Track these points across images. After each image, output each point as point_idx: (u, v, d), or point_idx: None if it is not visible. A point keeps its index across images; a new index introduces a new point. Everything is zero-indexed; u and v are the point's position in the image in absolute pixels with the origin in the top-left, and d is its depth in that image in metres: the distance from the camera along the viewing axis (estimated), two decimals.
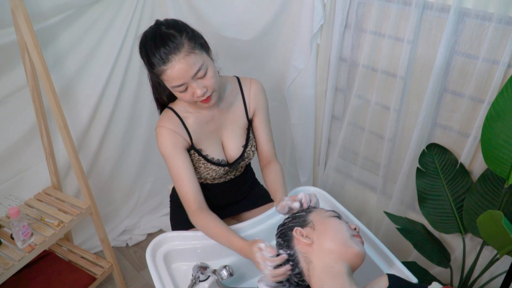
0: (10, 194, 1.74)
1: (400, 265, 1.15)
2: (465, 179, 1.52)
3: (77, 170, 1.68)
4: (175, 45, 1.10)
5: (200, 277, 1.19)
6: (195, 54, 1.12)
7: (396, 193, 1.72)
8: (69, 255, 2.02)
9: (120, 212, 2.36)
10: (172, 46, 1.10)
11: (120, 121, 2.07)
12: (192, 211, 1.27)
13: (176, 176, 1.28)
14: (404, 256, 1.84)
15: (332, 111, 1.89)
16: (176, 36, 1.11)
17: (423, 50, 1.45)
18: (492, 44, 1.28)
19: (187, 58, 1.11)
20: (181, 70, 1.11)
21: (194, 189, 1.27)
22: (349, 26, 1.64)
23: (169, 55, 1.10)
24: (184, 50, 1.10)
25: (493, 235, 1.19)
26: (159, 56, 1.10)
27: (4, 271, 1.46)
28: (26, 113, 1.70)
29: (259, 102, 1.40)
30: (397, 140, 1.68)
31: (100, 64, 1.87)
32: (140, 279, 2.16)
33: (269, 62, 1.97)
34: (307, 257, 0.98)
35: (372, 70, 1.63)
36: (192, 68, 1.12)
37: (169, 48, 1.09)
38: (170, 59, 1.10)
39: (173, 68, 1.11)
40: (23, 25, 1.40)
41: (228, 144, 1.38)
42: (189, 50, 1.11)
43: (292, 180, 2.28)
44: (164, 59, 1.10)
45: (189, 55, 1.11)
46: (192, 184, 1.27)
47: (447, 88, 1.46)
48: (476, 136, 1.42)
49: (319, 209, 1.10)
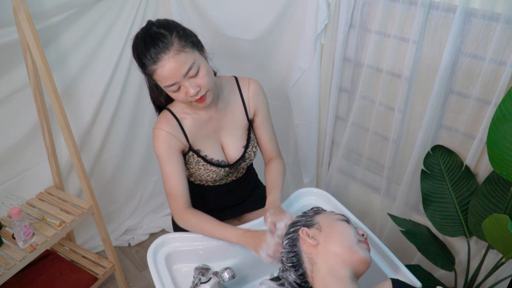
0: (12, 193, 1.74)
1: (404, 268, 1.14)
2: (470, 182, 1.50)
3: (79, 169, 1.67)
4: (165, 44, 1.09)
5: (201, 279, 1.19)
6: (185, 53, 1.11)
7: (400, 195, 1.71)
8: (71, 254, 2.02)
9: (123, 212, 2.36)
10: (161, 45, 1.09)
11: (123, 121, 2.07)
12: (181, 211, 1.29)
13: (167, 177, 1.29)
14: (408, 259, 1.82)
15: (336, 112, 1.88)
16: (165, 35, 1.10)
17: (429, 51, 1.43)
18: (499, 44, 1.26)
19: (177, 56, 1.10)
20: (172, 68, 1.10)
21: (184, 191, 1.29)
22: (354, 26, 1.62)
23: (158, 54, 1.09)
24: (174, 48, 1.10)
25: (498, 239, 1.17)
26: (149, 56, 1.10)
27: (6, 271, 1.46)
28: (28, 112, 1.69)
29: (258, 102, 1.39)
30: (402, 142, 1.66)
31: (102, 63, 1.86)
32: (142, 279, 2.15)
33: (273, 62, 1.95)
34: (311, 258, 0.98)
35: (376, 70, 1.61)
36: (183, 66, 1.11)
37: (159, 47, 1.09)
38: (160, 58, 1.09)
39: (164, 67, 1.10)
40: (25, 24, 1.39)
41: (228, 145, 1.37)
42: (179, 49, 1.10)
43: (295, 181, 2.27)
44: (154, 59, 1.10)
45: (179, 53, 1.10)
46: (182, 186, 1.29)
47: (453, 89, 1.44)
48: (482, 138, 1.40)
49: (328, 211, 1.10)
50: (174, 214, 1.31)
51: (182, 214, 1.29)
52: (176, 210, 1.30)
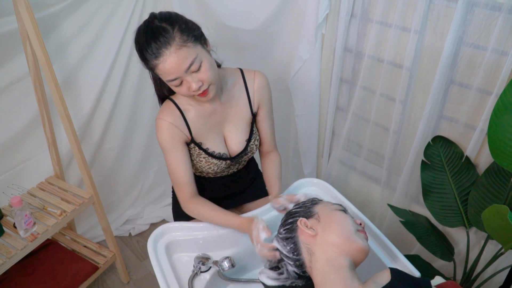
0: (12, 183, 1.74)
1: (403, 258, 1.14)
2: (470, 173, 1.50)
3: (80, 159, 1.68)
4: (166, 39, 1.08)
5: (201, 268, 1.19)
6: (187, 48, 1.10)
7: (401, 186, 1.71)
8: (72, 244, 2.03)
9: (124, 202, 2.36)
10: (163, 40, 1.08)
11: (123, 111, 2.06)
12: (187, 200, 1.30)
13: (173, 169, 1.29)
14: (408, 249, 1.83)
15: (337, 102, 1.87)
16: (167, 30, 1.09)
17: (430, 41, 1.42)
18: (501, 34, 1.25)
19: (178, 52, 1.09)
20: (173, 64, 1.10)
21: (189, 179, 1.30)
22: (355, 15, 1.61)
23: (159, 49, 1.08)
24: (175, 43, 1.09)
25: (498, 230, 1.17)
26: (151, 51, 1.09)
27: (7, 259, 1.47)
28: (28, 102, 1.69)
29: (263, 95, 1.38)
30: (402, 132, 1.66)
31: (102, 53, 1.85)
32: (143, 268, 2.17)
33: (274, 52, 1.94)
34: (310, 248, 0.98)
35: (378, 60, 1.60)
36: (185, 61, 1.10)
37: (160, 42, 1.08)
38: (161, 53, 1.09)
39: (165, 62, 1.09)
40: (24, 13, 1.38)
41: (231, 138, 1.37)
42: (181, 44, 1.09)
43: (295, 172, 2.27)
44: (155, 54, 1.09)
45: (181, 48, 1.09)
46: (187, 174, 1.30)
47: (454, 79, 1.44)
48: (483, 129, 1.40)
49: (325, 202, 1.09)
50: (181, 203, 1.32)
51: (188, 203, 1.30)
52: (182, 199, 1.31)
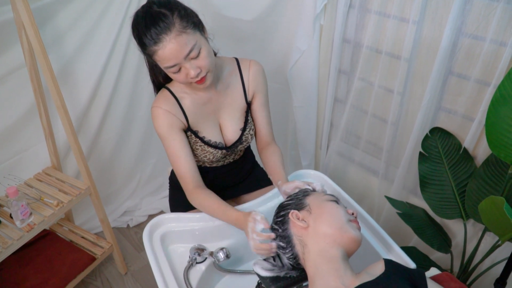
0: (9, 173, 1.74)
1: (399, 250, 1.14)
2: (468, 164, 1.50)
3: (76, 150, 1.67)
4: (166, 24, 1.07)
5: (197, 259, 1.19)
6: (187, 34, 1.09)
7: (398, 178, 1.70)
8: (70, 235, 2.03)
9: (122, 193, 2.36)
10: (162, 25, 1.07)
11: (121, 102, 2.05)
12: (190, 190, 1.28)
13: (173, 157, 1.27)
14: (405, 242, 1.83)
15: (335, 94, 1.86)
16: (167, 15, 1.08)
17: (429, 31, 1.41)
18: (499, 25, 1.24)
19: (178, 38, 1.08)
20: (173, 50, 1.08)
21: (191, 168, 1.28)
22: (353, 6, 1.59)
23: (159, 35, 1.07)
24: (175, 29, 1.07)
25: (494, 221, 1.17)
26: (150, 36, 1.08)
27: (3, 249, 1.47)
28: (25, 92, 1.68)
29: (258, 85, 1.37)
30: (400, 124, 1.65)
31: (99, 44, 1.83)
32: (140, 259, 2.17)
33: (272, 43, 1.93)
34: (302, 240, 0.97)
35: (376, 51, 1.59)
36: (184, 48, 1.09)
37: (160, 28, 1.07)
38: (161, 39, 1.07)
39: (164, 49, 1.08)
40: (20, 3, 1.37)
41: (226, 126, 1.36)
42: (181, 30, 1.08)
43: (293, 164, 2.26)
44: (155, 39, 1.08)
45: (181, 34, 1.08)
46: (189, 163, 1.27)
47: (453, 70, 1.43)
48: (481, 120, 1.39)
49: (317, 193, 1.09)
50: (186, 194, 1.30)
51: (191, 194, 1.28)
52: (186, 189, 1.29)
